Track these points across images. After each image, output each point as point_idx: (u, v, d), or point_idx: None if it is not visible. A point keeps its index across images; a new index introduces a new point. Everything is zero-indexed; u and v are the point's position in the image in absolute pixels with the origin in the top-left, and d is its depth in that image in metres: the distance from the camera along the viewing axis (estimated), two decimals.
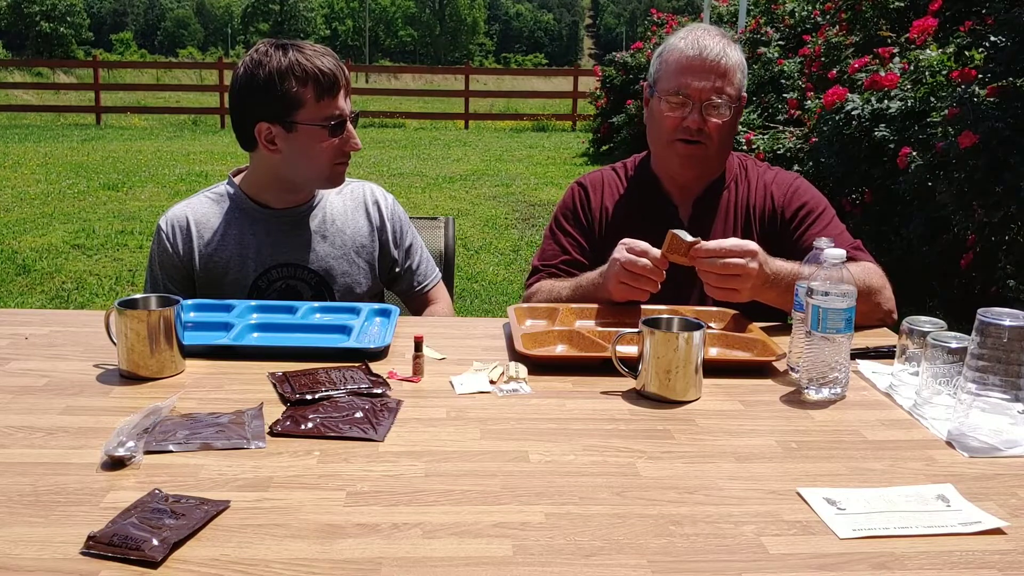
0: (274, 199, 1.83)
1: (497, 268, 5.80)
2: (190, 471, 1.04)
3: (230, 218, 1.83)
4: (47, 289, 5.10)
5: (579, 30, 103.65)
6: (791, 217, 1.83)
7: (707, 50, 1.75)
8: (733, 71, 1.78)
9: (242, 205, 1.84)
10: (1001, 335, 1.12)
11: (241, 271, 1.81)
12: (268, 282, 1.82)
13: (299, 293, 1.84)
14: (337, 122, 1.73)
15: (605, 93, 12.74)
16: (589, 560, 0.87)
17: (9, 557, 0.85)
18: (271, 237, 1.83)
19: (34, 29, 50.42)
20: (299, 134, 1.72)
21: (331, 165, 1.77)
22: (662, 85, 1.81)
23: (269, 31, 61.41)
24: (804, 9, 8.33)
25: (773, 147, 6.18)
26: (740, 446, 1.17)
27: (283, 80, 1.68)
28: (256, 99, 1.70)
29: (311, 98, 1.70)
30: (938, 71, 4.61)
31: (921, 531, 0.95)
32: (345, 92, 1.74)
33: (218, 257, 1.81)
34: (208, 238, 1.81)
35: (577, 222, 1.92)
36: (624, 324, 1.62)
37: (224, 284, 1.81)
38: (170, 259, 1.81)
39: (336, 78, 1.71)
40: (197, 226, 1.82)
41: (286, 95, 1.68)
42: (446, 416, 1.24)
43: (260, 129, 1.73)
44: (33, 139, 13.29)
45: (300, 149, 1.74)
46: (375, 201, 1.94)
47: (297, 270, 1.83)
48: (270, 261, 1.82)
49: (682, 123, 1.76)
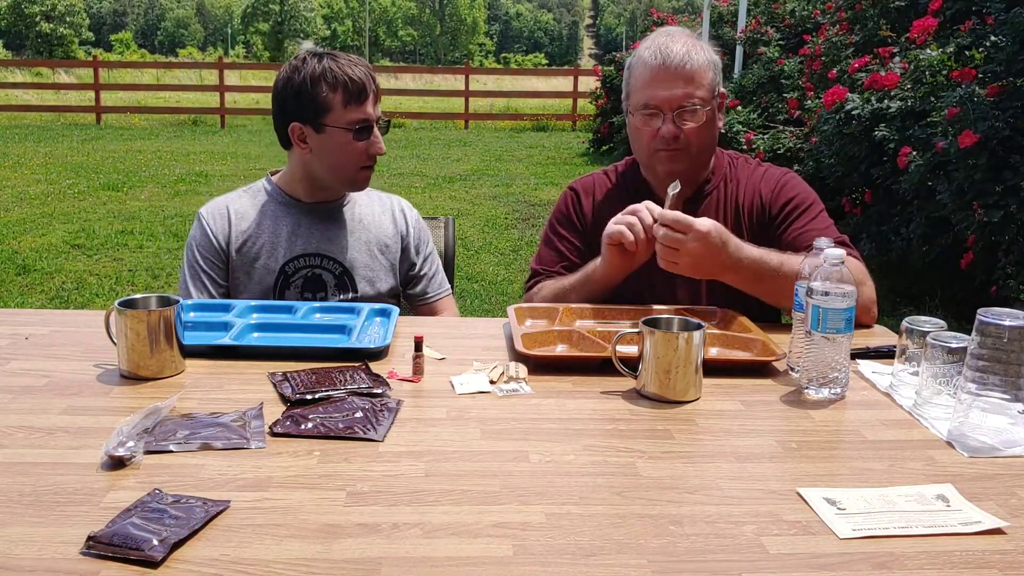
0: (305, 194, 1.97)
1: (497, 268, 5.80)
2: (190, 471, 1.04)
3: (265, 210, 1.96)
4: (47, 289, 5.10)
5: (579, 30, 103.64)
6: (778, 212, 1.83)
7: (670, 58, 1.73)
8: (701, 73, 1.75)
9: (277, 199, 1.98)
10: (1001, 335, 1.12)
11: (271, 257, 1.92)
12: (295, 269, 1.93)
13: (323, 281, 1.95)
14: (362, 126, 1.85)
15: (605, 93, 12.74)
16: (589, 560, 0.87)
17: (9, 557, 0.85)
18: (301, 227, 1.95)
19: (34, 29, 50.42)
20: (327, 136, 1.85)
21: (356, 168, 1.89)
22: (633, 100, 1.81)
23: (269, 31, 61.38)
24: (804, 9, 8.34)
25: (773, 147, 6.18)
26: (740, 446, 1.17)
27: (315, 85, 1.82)
28: (291, 101, 1.85)
29: (339, 103, 1.82)
30: (938, 71, 4.61)
31: (921, 531, 0.95)
32: (374, 99, 1.87)
33: (252, 243, 1.93)
34: (244, 227, 1.94)
35: (572, 226, 1.93)
36: (624, 324, 1.62)
37: (255, 268, 1.93)
38: (208, 243, 1.93)
39: (364, 86, 1.83)
40: (235, 215, 1.95)
41: (316, 99, 1.82)
42: (446, 416, 1.24)
43: (293, 129, 1.87)
44: (33, 139, 13.29)
45: (328, 149, 1.86)
46: (402, 210, 2.08)
47: (323, 260, 1.95)
48: (298, 249, 1.94)
49: (658, 134, 1.76)
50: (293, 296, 1.92)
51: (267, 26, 61.63)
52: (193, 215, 1.97)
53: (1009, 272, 3.75)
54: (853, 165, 4.99)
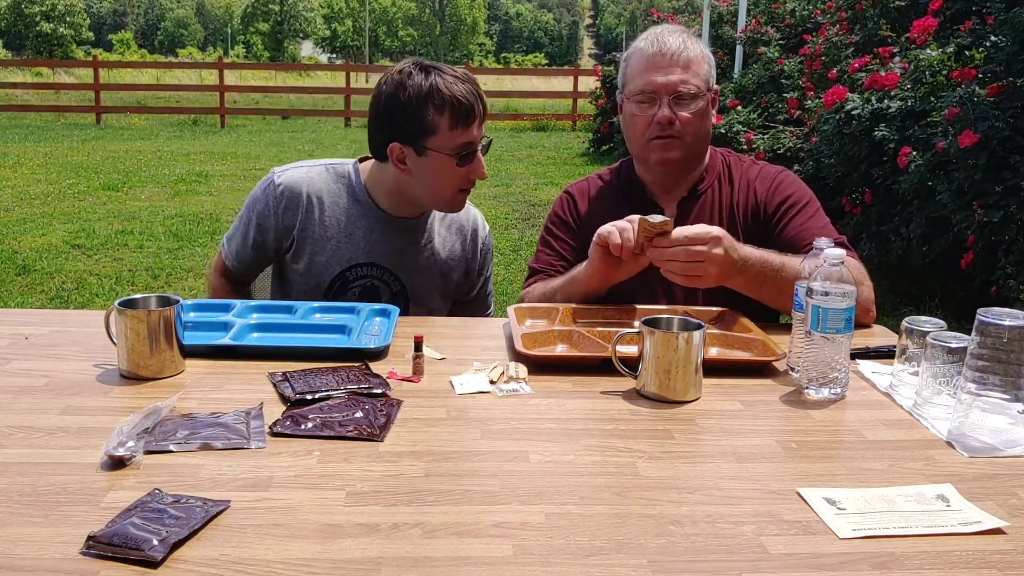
0: (389, 206, 1.88)
1: (497, 268, 5.80)
2: (190, 471, 1.04)
3: (343, 203, 1.88)
4: (47, 289, 5.10)
5: (579, 30, 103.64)
6: (774, 210, 1.83)
7: (667, 46, 1.77)
8: (697, 62, 1.78)
9: (359, 197, 1.88)
10: (1001, 335, 1.12)
11: (334, 255, 1.86)
12: (356, 276, 1.88)
13: (378, 294, 1.91)
14: (467, 152, 1.75)
15: (605, 93, 12.73)
16: (589, 560, 0.87)
17: (9, 557, 0.85)
18: (374, 235, 1.88)
19: (34, 29, 50.40)
20: (429, 159, 1.75)
21: (455, 192, 1.81)
22: (629, 88, 1.82)
23: (269, 31, 61.37)
24: (804, 9, 8.33)
25: (773, 147, 6.17)
26: (740, 446, 1.17)
27: (422, 106, 1.70)
28: (394, 119, 1.74)
29: (445, 126, 1.72)
30: (938, 71, 4.61)
31: (921, 531, 0.95)
32: (479, 121, 1.76)
33: (318, 235, 1.86)
34: (316, 215, 1.85)
35: (568, 229, 1.94)
36: (624, 324, 1.62)
37: (315, 262, 1.86)
38: (267, 219, 1.86)
39: (473, 107, 1.73)
40: (309, 199, 1.85)
41: (422, 120, 1.71)
42: (446, 416, 1.24)
43: (393, 149, 1.76)
44: (33, 139, 13.28)
45: (428, 172, 1.77)
46: (474, 230, 2.01)
47: (384, 273, 1.90)
48: (364, 257, 1.88)
49: (653, 120, 1.77)
50: (347, 299, 1.87)
51: (267, 26, 61.61)
52: (193, 215, 1.96)
53: (1009, 272, 3.75)
54: (853, 165, 4.99)
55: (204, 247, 6.09)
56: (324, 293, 1.87)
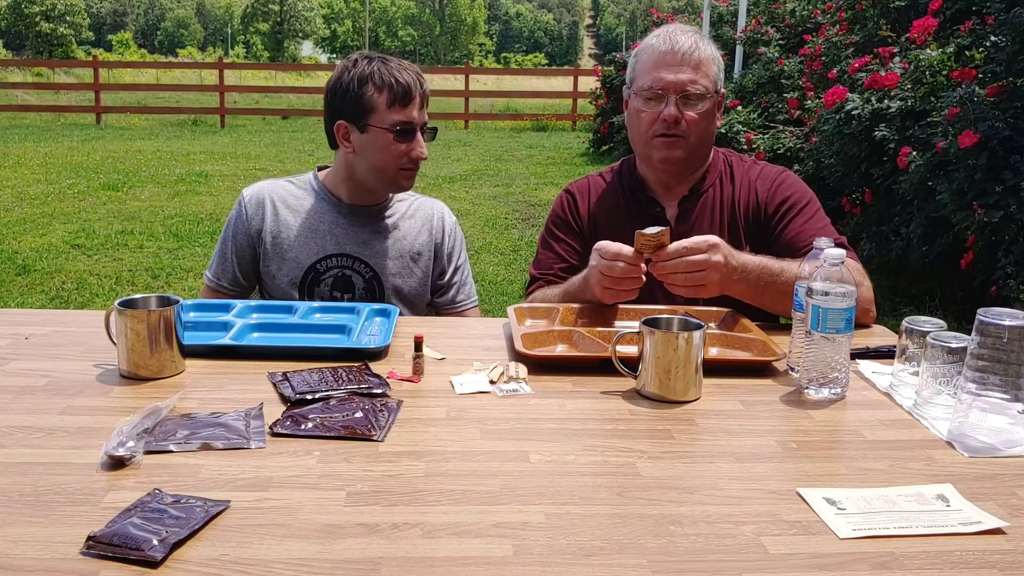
0: (347, 195, 1.99)
1: (497, 268, 5.80)
2: (190, 471, 1.04)
3: (306, 203, 2.00)
4: (47, 289, 5.10)
5: (579, 30, 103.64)
6: (775, 211, 1.83)
7: (678, 44, 1.77)
8: (707, 63, 1.78)
9: (319, 195, 2.01)
10: (1001, 335, 1.12)
11: (303, 251, 1.96)
12: (326, 267, 1.97)
13: (352, 283, 1.98)
14: (404, 128, 1.86)
15: (605, 93, 12.74)
16: (589, 560, 0.87)
17: (9, 557, 0.85)
18: (338, 228, 1.98)
19: (34, 29, 50.38)
20: (369, 135, 1.87)
21: (396, 169, 1.90)
22: (637, 83, 1.82)
23: (269, 31, 61.40)
24: (804, 9, 8.33)
25: (773, 147, 6.17)
26: (740, 446, 1.17)
27: (362, 85, 1.85)
28: (339, 100, 1.89)
29: (383, 104, 1.84)
30: (938, 71, 4.61)
31: (921, 531, 0.95)
32: (419, 104, 1.88)
33: (286, 234, 1.97)
34: (282, 216, 1.98)
35: (569, 228, 1.93)
36: (624, 324, 1.62)
37: (285, 259, 1.96)
38: (243, 226, 1.98)
39: (410, 88, 1.85)
40: (274, 203, 1.99)
41: (362, 99, 1.85)
42: (446, 416, 1.24)
43: (339, 127, 1.90)
44: (33, 139, 13.28)
45: (369, 148, 1.89)
46: (440, 217, 2.09)
47: (354, 262, 1.98)
48: (332, 248, 1.97)
49: (659, 117, 1.77)
50: (323, 293, 1.95)
51: (267, 26, 61.64)
52: (193, 215, 1.99)
53: (1009, 272, 3.75)
54: (853, 165, 4.99)
55: (204, 247, 6.09)
56: (298, 289, 1.94)
